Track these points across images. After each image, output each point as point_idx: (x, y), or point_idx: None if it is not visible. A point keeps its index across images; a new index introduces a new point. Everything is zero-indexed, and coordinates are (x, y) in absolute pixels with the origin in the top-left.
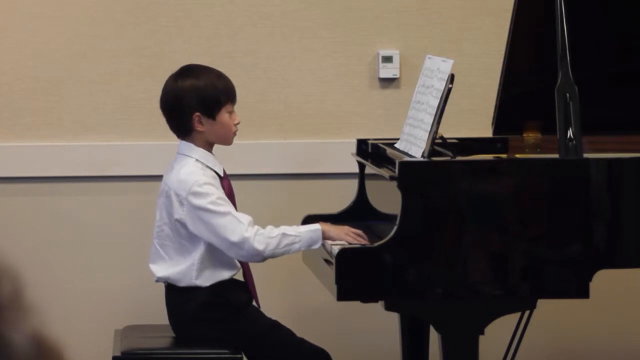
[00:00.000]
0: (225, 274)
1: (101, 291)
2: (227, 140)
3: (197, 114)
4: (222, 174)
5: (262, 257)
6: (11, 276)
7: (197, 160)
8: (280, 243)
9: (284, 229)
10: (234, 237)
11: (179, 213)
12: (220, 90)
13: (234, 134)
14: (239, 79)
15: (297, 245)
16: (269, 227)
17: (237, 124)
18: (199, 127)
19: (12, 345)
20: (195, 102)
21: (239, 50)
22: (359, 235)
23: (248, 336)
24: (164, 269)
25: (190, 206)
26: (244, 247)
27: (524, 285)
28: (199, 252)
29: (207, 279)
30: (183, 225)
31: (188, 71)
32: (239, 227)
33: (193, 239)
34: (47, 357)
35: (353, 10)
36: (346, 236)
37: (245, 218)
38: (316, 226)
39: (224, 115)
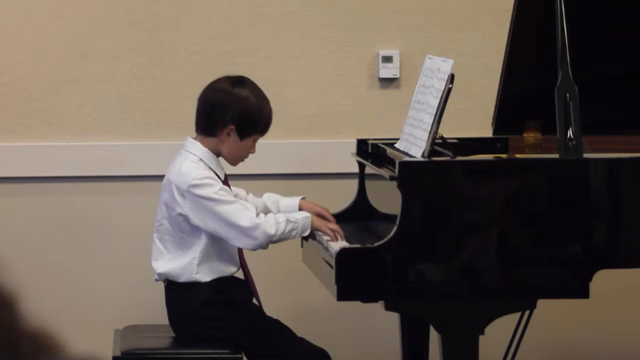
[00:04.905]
0: (226, 270)
1: (101, 291)
2: (235, 162)
3: (232, 127)
4: (223, 178)
5: (269, 242)
6: (10, 276)
7: (200, 159)
8: (286, 228)
9: (285, 215)
10: (245, 223)
11: (181, 208)
12: (263, 119)
13: (243, 160)
14: None
15: (294, 232)
16: (270, 214)
17: (252, 153)
18: (224, 138)
19: (11, 345)
20: (237, 116)
21: (239, 50)
22: (337, 231)
23: (248, 334)
24: (163, 264)
25: (194, 198)
26: (255, 232)
27: (523, 285)
28: (200, 245)
29: (207, 274)
30: (186, 219)
31: (245, 85)
32: (248, 212)
33: (195, 232)
34: (46, 357)
35: (353, 10)
36: (326, 229)
37: (251, 205)
38: (307, 214)
39: (250, 141)
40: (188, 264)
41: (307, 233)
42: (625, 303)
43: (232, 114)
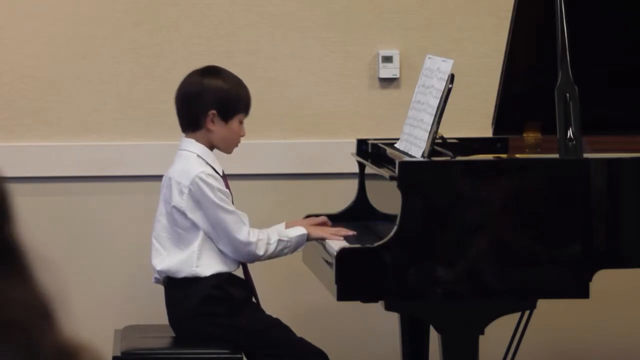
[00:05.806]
0: (226, 263)
1: (101, 291)
2: (228, 148)
3: (213, 111)
4: (221, 173)
5: (256, 261)
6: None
7: (198, 156)
8: (277, 249)
9: (278, 234)
10: (241, 237)
11: (177, 200)
12: (241, 97)
13: (237, 144)
14: None
15: (286, 250)
16: (265, 232)
17: (242, 136)
18: (210, 126)
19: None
20: (215, 100)
21: (239, 50)
22: (341, 229)
23: (247, 333)
24: (161, 262)
25: (194, 193)
26: (246, 248)
27: (524, 285)
28: (197, 240)
29: (207, 267)
30: (181, 213)
31: (215, 71)
32: (243, 228)
33: (190, 228)
34: None
35: (353, 10)
36: (329, 235)
37: (246, 218)
38: (303, 230)
39: (235, 122)
40: (188, 257)
41: (300, 248)
42: (625, 303)
43: (208, 100)
